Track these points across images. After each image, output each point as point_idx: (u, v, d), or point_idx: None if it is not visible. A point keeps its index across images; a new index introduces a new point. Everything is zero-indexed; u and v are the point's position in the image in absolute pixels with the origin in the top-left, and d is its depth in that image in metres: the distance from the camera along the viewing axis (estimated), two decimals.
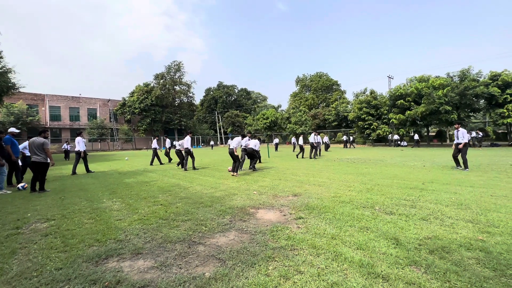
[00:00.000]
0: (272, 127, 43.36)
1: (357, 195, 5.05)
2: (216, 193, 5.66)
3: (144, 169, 11.34)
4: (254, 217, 3.93)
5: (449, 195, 4.83)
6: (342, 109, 38.71)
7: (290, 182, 6.85)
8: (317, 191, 5.60)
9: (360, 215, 3.76)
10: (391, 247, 2.69)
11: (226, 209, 4.30)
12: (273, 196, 5.22)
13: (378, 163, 10.89)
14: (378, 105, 29.24)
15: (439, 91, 22.50)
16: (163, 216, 4.04)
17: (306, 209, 4.21)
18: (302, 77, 65.59)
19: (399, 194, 5.08)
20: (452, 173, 7.63)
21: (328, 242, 2.85)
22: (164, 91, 49.78)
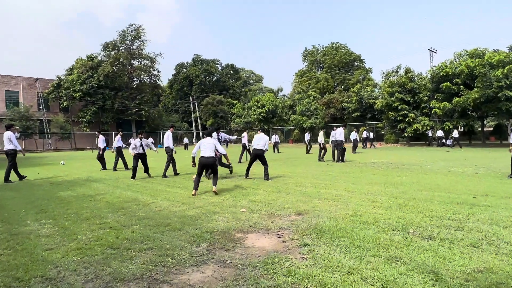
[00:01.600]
0: (269, 119, 43.55)
1: (385, 214, 5.13)
2: (189, 211, 5.66)
3: (88, 177, 11.23)
4: (242, 244, 3.95)
5: (509, 213, 4.96)
6: (366, 94, 39.15)
7: (293, 195, 6.90)
8: (330, 207, 5.66)
9: (388, 241, 3.82)
10: (428, 285, 2.75)
11: (202, 234, 4.31)
12: (269, 215, 5.25)
13: (415, 169, 11.09)
14: (415, 90, 29.74)
15: (498, 71, 23.02)
16: (113, 244, 4.01)
17: (314, 232, 4.25)
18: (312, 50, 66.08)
19: (441, 211, 5.19)
20: None
21: (343, 279, 2.89)
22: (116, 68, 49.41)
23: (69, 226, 4.91)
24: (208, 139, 7.58)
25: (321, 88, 56.71)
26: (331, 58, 60.15)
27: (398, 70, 36.61)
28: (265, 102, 42.88)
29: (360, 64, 60.92)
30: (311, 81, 59.71)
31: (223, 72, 69.33)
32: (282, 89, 70.97)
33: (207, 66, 66.15)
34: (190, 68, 65.58)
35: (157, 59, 53.90)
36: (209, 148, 7.41)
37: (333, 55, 60.43)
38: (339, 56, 59.70)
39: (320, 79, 58.57)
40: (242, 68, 77.88)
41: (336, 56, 59.86)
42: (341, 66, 59.12)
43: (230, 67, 71.31)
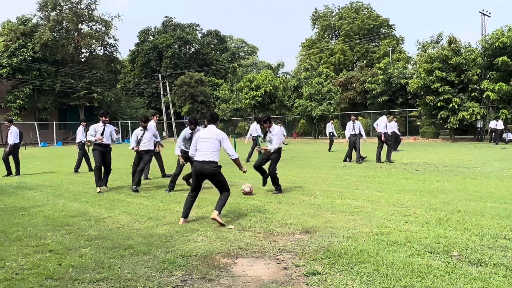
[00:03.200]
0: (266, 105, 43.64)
1: (421, 231, 5.18)
2: (158, 229, 5.66)
3: (19, 184, 11.15)
4: (229, 272, 3.96)
5: None
6: (396, 72, 39.35)
7: (298, 207, 6.94)
8: (348, 223, 5.70)
9: (425, 267, 3.87)
10: None
11: (175, 259, 4.31)
12: (266, 234, 5.27)
13: (460, 172, 11.23)
14: (462, 66, 29.99)
15: None
16: (54, 273, 3.99)
17: (325, 257, 4.28)
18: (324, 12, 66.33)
19: (496, 228, 5.26)
20: None
21: None
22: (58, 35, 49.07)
23: None
24: (210, 129, 6.12)
25: (336, 64, 56.95)
26: (350, 23, 60.33)
27: (439, 40, 36.79)
28: (260, 82, 42.93)
29: (388, 32, 61.27)
30: (323, 54, 59.90)
31: (204, 41, 69.06)
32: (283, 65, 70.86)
33: (182, 32, 65.80)
34: (159, 36, 65.18)
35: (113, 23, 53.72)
36: (210, 147, 5.92)
37: (352, 19, 60.61)
38: (361, 20, 59.91)
39: (335, 51, 58.77)
40: (229, 36, 77.89)
41: (357, 21, 60.05)
42: (363, 34, 59.33)
43: (214, 34, 71.10)
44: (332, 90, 40.52)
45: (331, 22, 64.71)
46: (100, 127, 9.61)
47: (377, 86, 40.54)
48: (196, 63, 65.27)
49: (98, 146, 9.50)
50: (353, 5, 62.95)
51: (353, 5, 62.95)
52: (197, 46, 68.61)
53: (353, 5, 62.95)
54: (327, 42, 63.55)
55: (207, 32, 70.94)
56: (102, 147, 9.50)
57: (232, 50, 75.57)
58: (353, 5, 62.95)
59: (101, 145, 9.49)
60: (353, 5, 62.95)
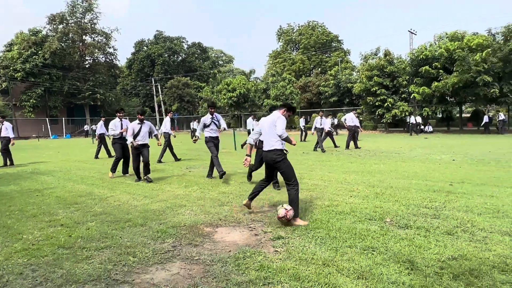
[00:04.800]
0: (241, 104, 43.43)
1: (362, 203, 5.34)
2: (153, 205, 5.60)
3: (33, 170, 10.73)
4: (211, 239, 3.97)
5: (484, 200, 5.33)
6: (344, 78, 39.96)
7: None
8: (305, 198, 5.80)
9: (365, 231, 4.00)
10: (404, 274, 2.92)
11: (167, 229, 4.28)
12: (241, 208, 5.30)
13: (393, 157, 11.57)
14: (395, 73, 30.72)
15: (477, 55, 24.24)
16: (65, 243, 3.90)
17: (288, 224, 4.35)
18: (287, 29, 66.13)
19: (418, 199, 5.48)
20: (489, 169, 8.40)
21: (318, 271, 3.00)
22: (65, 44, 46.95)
23: (12, 224, 4.70)
24: (269, 116, 4.91)
25: (297, 71, 57.13)
26: (308, 38, 60.49)
27: (377, 52, 37.61)
28: (236, 85, 42.60)
29: (338, 45, 61.83)
30: (286, 63, 59.94)
31: (189, 51, 67.79)
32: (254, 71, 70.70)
33: (171, 44, 64.37)
34: (152, 46, 63.56)
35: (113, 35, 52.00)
36: (269, 135, 4.74)
37: (309, 35, 60.78)
38: (316, 36, 60.15)
39: (296, 61, 58.89)
40: (210, 47, 76.67)
41: (313, 36, 60.27)
42: (318, 47, 59.67)
43: (197, 45, 69.87)
44: (294, 92, 40.75)
45: (292, 37, 64.64)
46: (117, 122, 9.00)
47: (329, 89, 41.07)
48: (183, 69, 64.17)
49: (119, 141, 8.93)
50: (310, 23, 63.05)
51: (310, 23, 63.05)
52: (184, 55, 67.30)
53: (310, 23, 63.05)
54: (290, 53, 63.54)
55: (192, 44, 69.64)
56: (123, 143, 8.82)
57: (212, 59, 74.55)
58: (310, 23, 63.05)
59: (121, 139, 8.89)
60: (310, 23, 63.05)
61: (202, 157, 13.38)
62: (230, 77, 55.38)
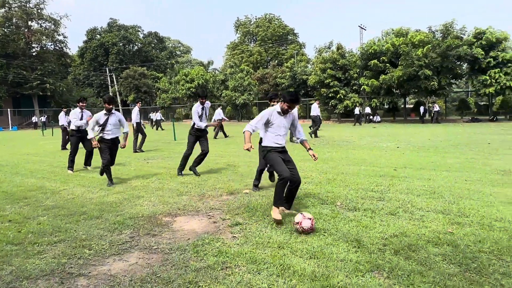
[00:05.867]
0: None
1: (315, 189, 5.55)
2: (109, 197, 5.41)
3: None
4: (170, 228, 3.94)
5: (422, 183, 5.77)
6: (300, 70, 40.65)
7: (225, 175, 7.03)
8: (262, 185, 5.92)
9: (317, 215, 4.17)
10: (352, 252, 3.11)
11: (124, 221, 4.18)
12: (200, 197, 5.29)
13: (344, 145, 12.08)
14: (346, 66, 31.80)
15: (419, 50, 25.80)
16: (14, 239, 3.67)
17: (246, 211, 4.43)
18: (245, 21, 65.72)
19: (366, 184, 5.80)
20: (428, 155, 9.07)
21: (274, 254, 3.10)
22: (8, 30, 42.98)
23: None
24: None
25: (254, 62, 57.16)
26: (265, 30, 60.60)
27: (330, 46, 38.54)
28: (194, 76, 41.88)
29: (293, 38, 62.62)
30: (244, 55, 59.71)
31: (145, 41, 65.21)
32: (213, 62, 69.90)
33: (126, 33, 61.46)
34: (105, 35, 60.28)
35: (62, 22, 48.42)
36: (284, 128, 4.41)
37: (266, 27, 60.91)
38: (273, 28, 60.42)
39: (253, 53, 58.87)
40: (167, 37, 74.26)
41: (270, 29, 60.48)
42: (274, 39, 60.01)
43: (154, 35, 67.43)
44: (251, 84, 40.82)
45: (250, 29, 64.38)
46: (78, 112, 8.21)
47: (285, 80, 41.53)
48: (139, 59, 61.65)
49: (76, 132, 8.21)
50: (267, 16, 63.11)
51: (267, 16, 63.11)
52: (140, 45, 64.61)
53: (267, 16, 63.11)
54: (247, 45, 63.32)
55: (148, 33, 67.03)
56: (81, 134, 8.17)
57: (170, 49, 72.32)
58: (267, 16, 63.11)
59: (80, 131, 8.20)
60: (267, 16, 63.11)
61: (160, 148, 13.07)
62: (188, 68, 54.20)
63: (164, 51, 68.48)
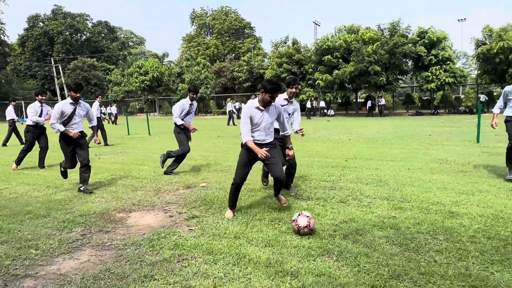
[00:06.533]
0: (154, 88, 41.45)
1: (271, 180, 5.66)
2: (57, 195, 5.14)
3: None
4: (124, 224, 3.85)
5: (370, 172, 6.14)
6: (257, 64, 40.86)
7: (182, 169, 6.95)
8: (220, 178, 5.95)
9: (273, 205, 4.30)
10: (304, 238, 3.26)
11: (74, 218, 4.00)
12: (155, 191, 5.20)
13: (298, 138, 12.40)
14: (302, 61, 32.50)
15: (369, 47, 27.07)
16: None
17: (202, 204, 4.44)
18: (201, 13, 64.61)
19: (319, 174, 6.05)
20: (376, 146, 9.62)
21: (230, 244, 3.16)
22: None
23: None
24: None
25: (211, 56, 56.53)
26: (221, 23, 60.03)
27: (286, 40, 39.17)
28: (148, 69, 40.46)
29: (250, 32, 62.70)
30: (201, 47, 58.81)
31: (94, 30, 61.59)
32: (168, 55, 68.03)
33: (72, 21, 57.62)
34: (49, 23, 56.07)
35: None
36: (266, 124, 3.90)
37: (223, 20, 60.37)
38: (229, 22, 60.03)
39: (210, 46, 58.15)
40: (119, 27, 70.79)
41: (226, 22, 60.03)
42: (231, 32, 59.69)
43: (104, 25, 63.92)
44: (208, 77, 40.34)
45: (206, 21, 63.45)
46: (38, 106, 7.48)
47: (242, 74, 41.51)
48: (88, 49, 58.27)
49: (32, 128, 7.50)
50: (223, 9, 62.50)
51: (223, 9, 62.50)
52: (89, 35, 60.96)
53: (223, 9, 62.50)
54: (204, 38, 62.41)
55: (97, 22, 63.38)
56: (38, 129, 7.58)
57: (122, 40, 69.02)
58: (223, 9, 62.50)
59: (36, 126, 7.52)
60: (223, 9, 62.50)
61: (112, 142, 12.55)
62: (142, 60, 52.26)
63: (115, 42, 65.27)
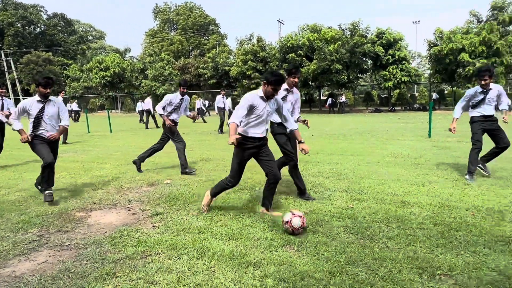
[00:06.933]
0: (116, 84, 39.98)
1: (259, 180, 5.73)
2: (10, 196, 4.88)
3: None
4: (84, 223, 3.74)
5: (331, 166, 6.38)
6: (222, 61, 40.66)
7: (146, 166, 6.82)
8: (184, 175, 5.92)
9: (237, 200, 4.37)
10: (267, 231, 3.35)
11: (30, 219, 3.83)
12: (117, 190, 5.09)
13: None
14: (266, 59, 32.76)
15: (331, 46, 27.83)
16: None
17: (166, 201, 4.41)
18: (164, 7, 63.02)
19: (283, 169, 6.16)
20: (338, 142, 9.97)
21: (194, 239, 3.18)
22: None
23: None
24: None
25: (176, 52, 55.37)
26: (185, 19, 58.94)
27: (251, 38, 39.30)
28: (109, 64, 38.87)
29: (215, 29, 62.09)
30: (164, 43, 57.40)
31: (49, 23, 58.08)
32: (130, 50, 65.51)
33: (25, 12, 53.93)
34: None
35: None
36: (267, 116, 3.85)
37: (187, 16, 59.29)
38: (194, 17, 59.08)
39: (174, 41, 56.92)
40: (76, 20, 67.26)
41: (191, 18, 59.02)
42: (196, 29, 58.79)
43: (60, 17, 60.48)
44: (173, 73, 39.57)
45: (170, 16, 61.98)
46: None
47: (207, 71, 41.20)
48: (43, 43, 54.89)
49: None
50: (187, 4, 61.37)
51: (187, 4, 61.37)
52: (43, 27, 57.40)
53: (187, 4, 61.37)
54: (167, 33, 60.98)
55: (53, 15, 59.83)
56: None
57: (80, 34, 65.66)
58: (187, 4, 61.37)
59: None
60: (187, 4, 61.37)
61: (71, 141, 12.00)
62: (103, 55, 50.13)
63: (73, 36, 61.95)
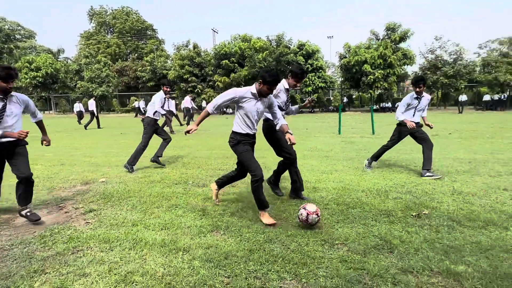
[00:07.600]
0: (48, 85, 35.90)
1: (171, 172, 5.64)
2: None
3: None
4: (11, 225, 3.36)
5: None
6: (160, 65, 39.04)
7: (80, 166, 6.33)
8: (120, 173, 5.63)
9: (171, 193, 4.30)
10: (198, 219, 3.38)
11: None
12: (49, 190, 4.65)
13: (201, 134, 12.45)
14: (202, 64, 32.31)
15: (260, 54, 28.53)
16: None
17: (101, 198, 4.17)
18: (100, 10, 58.19)
19: (216, 164, 6.23)
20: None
21: (127, 231, 3.08)
22: None
23: None
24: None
25: (113, 54, 51.66)
26: (122, 23, 55.20)
27: (188, 44, 38.37)
28: (41, 64, 34.76)
29: (153, 34, 59.27)
30: (101, 45, 53.12)
31: None
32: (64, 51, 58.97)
33: None
34: None
35: None
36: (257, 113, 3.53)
37: (124, 20, 55.59)
38: (131, 22, 55.64)
39: (111, 44, 53.02)
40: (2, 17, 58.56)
41: (128, 22, 55.47)
42: (133, 33, 55.46)
43: None
44: (110, 75, 36.82)
45: (106, 19, 57.40)
46: None
47: (146, 74, 39.23)
48: None
49: None
50: (124, 8, 57.43)
51: (124, 8, 57.43)
52: None
53: (124, 8, 57.43)
54: (104, 36, 56.44)
55: None
56: None
57: (6, 32, 57.30)
58: (124, 8, 57.43)
59: None
60: (124, 8, 57.43)
61: None
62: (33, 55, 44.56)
63: None
